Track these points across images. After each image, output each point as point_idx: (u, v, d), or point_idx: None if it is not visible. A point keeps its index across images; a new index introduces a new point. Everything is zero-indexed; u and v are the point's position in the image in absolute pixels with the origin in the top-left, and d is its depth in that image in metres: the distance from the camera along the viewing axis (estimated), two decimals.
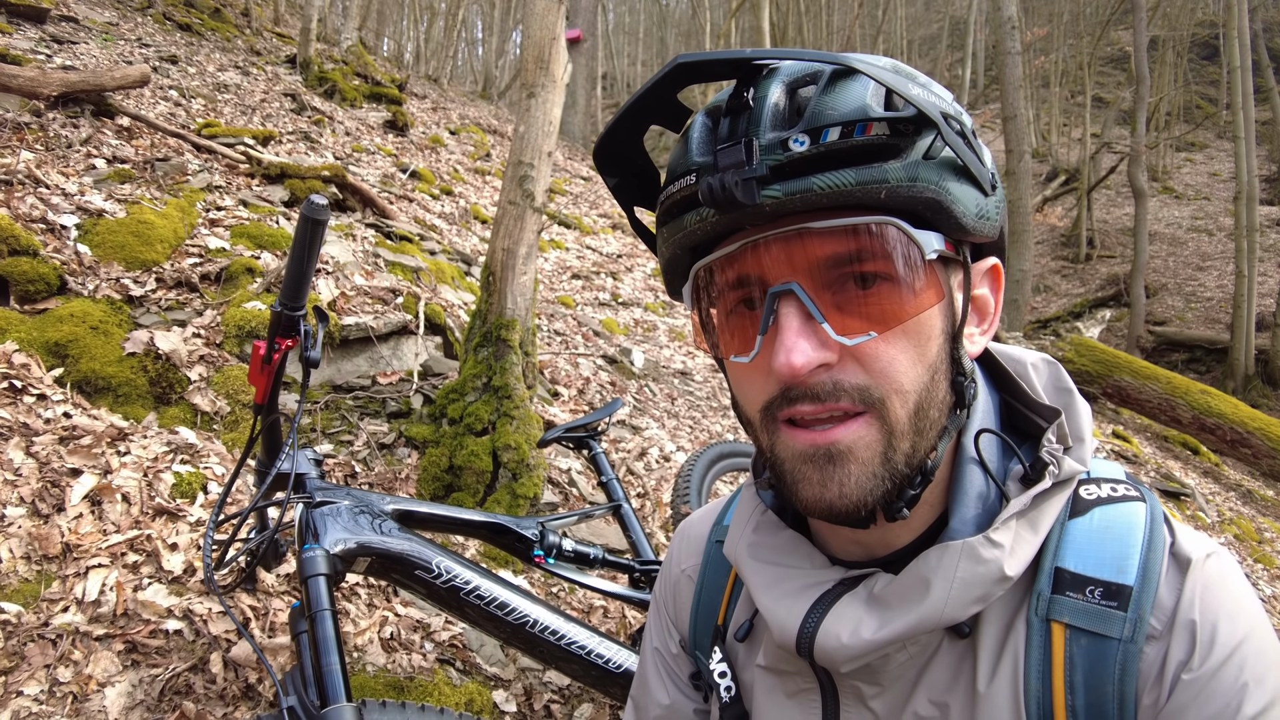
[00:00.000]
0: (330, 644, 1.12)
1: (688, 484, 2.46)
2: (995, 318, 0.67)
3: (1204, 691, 0.54)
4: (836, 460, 0.58)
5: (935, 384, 0.60)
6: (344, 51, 9.53)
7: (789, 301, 0.57)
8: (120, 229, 2.94)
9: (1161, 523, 0.61)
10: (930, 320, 0.59)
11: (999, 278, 0.66)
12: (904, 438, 0.58)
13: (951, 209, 0.56)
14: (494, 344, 2.84)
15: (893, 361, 0.57)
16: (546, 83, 2.90)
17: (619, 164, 0.67)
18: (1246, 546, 5.49)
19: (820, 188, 0.53)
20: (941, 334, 0.60)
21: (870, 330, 0.57)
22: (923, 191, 0.54)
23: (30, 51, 4.91)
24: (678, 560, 0.89)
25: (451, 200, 6.94)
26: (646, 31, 38.59)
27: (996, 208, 0.60)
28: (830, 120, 0.54)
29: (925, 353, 0.59)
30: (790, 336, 0.56)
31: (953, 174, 0.56)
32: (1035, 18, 27.28)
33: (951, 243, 0.59)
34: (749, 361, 0.60)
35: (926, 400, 0.59)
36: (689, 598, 0.85)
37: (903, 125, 0.55)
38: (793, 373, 0.56)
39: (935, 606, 0.58)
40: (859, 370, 0.58)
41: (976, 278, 0.64)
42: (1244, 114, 13.61)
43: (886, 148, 0.55)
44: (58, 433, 1.94)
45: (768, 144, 0.55)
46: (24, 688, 1.41)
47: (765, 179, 0.54)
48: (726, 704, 0.75)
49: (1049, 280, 19.22)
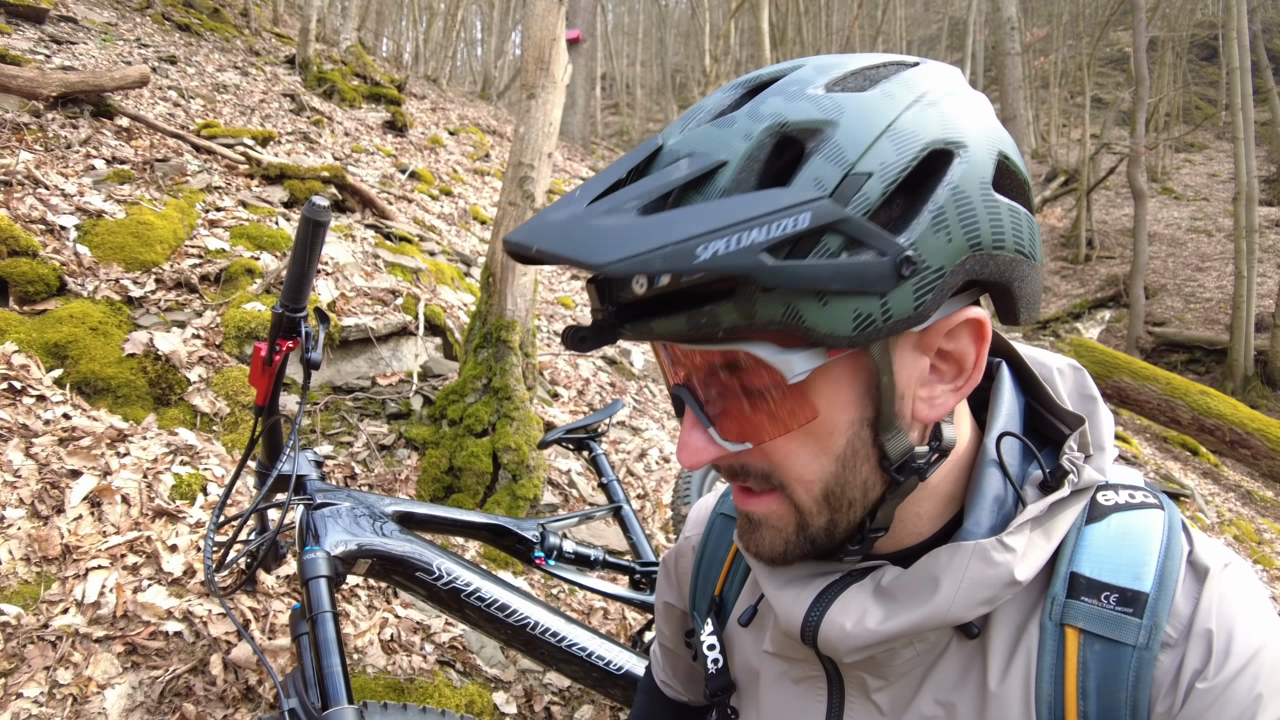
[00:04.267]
0: (331, 646, 1.12)
1: (688, 485, 2.46)
2: (977, 369, 0.58)
3: (1218, 701, 0.54)
4: (754, 523, 0.63)
5: (848, 471, 0.58)
6: (343, 52, 9.53)
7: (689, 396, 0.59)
8: (120, 230, 2.94)
9: (1180, 531, 0.61)
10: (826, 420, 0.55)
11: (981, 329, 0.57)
12: (817, 516, 0.60)
13: (815, 330, 0.49)
14: (494, 345, 2.84)
15: (791, 454, 0.57)
16: (547, 83, 2.90)
17: None
18: (1246, 547, 5.49)
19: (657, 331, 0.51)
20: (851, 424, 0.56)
21: (749, 440, 0.57)
22: (766, 326, 0.49)
23: (29, 52, 4.90)
24: (687, 529, 0.92)
25: (451, 201, 6.93)
26: (646, 32, 38.57)
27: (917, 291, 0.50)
28: None
29: (828, 446, 0.56)
30: (685, 433, 0.59)
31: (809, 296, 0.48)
32: (1035, 18, 27.32)
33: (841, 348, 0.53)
34: None
35: (837, 486, 0.58)
36: (689, 565, 0.88)
37: None
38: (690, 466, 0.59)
39: (942, 604, 0.58)
40: (762, 457, 0.59)
41: (939, 335, 0.56)
42: (1243, 115, 13.62)
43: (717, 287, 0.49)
44: (57, 434, 1.94)
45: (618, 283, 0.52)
46: (24, 689, 1.41)
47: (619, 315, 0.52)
48: (712, 674, 0.77)
49: (1048, 281, 19.23)
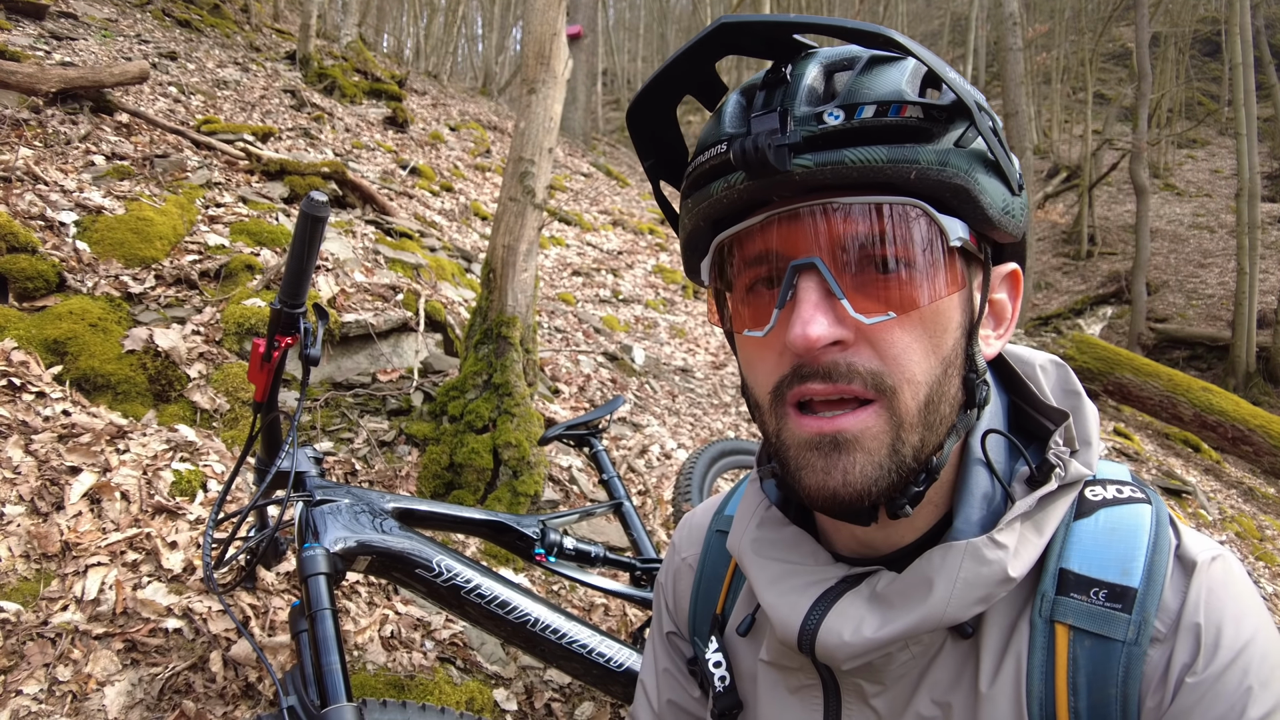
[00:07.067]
0: (330, 643, 1.12)
1: (689, 481, 2.45)
2: (1012, 324, 0.66)
3: (1208, 695, 0.54)
4: (843, 448, 0.57)
5: (948, 378, 0.59)
6: (344, 48, 9.51)
7: (809, 276, 0.57)
8: (119, 226, 2.93)
9: (1167, 525, 0.61)
10: (948, 311, 0.58)
11: (1018, 284, 0.66)
12: (913, 430, 0.58)
13: (979, 199, 0.56)
14: (494, 341, 2.83)
15: (907, 349, 0.57)
16: (547, 79, 2.89)
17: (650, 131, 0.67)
18: (1248, 544, 5.49)
19: (852, 161, 0.53)
20: (958, 328, 0.59)
21: (889, 311, 0.56)
22: (952, 178, 0.55)
23: (29, 48, 4.89)
24: (680, 548, 0.90)
25: (452, 197, 6.92)
26: (647, 27, 38.50)
27: (1022, 208, 0.61)
28: (866, 99, 0.55)
29: (940, 345, 0.58)
30: (808, 309, 0.56)
31: (982, 165, 0.56)
32: (1037, 14, 27.23)
33: (975, 236, 0.59)
34: (763, 336, 0.60)
35: (938, 394, 0.58)
36: (688, 586, 0.86)
37: (936, 112, 0.55)
38: (808, 345, 0.55)
39: (938, 606, 0.57)
40: (873, 355, 0.57)
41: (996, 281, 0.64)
42: (1246, 111, 13.58)
43: (919, 130, 0.55)
44: (57, 430, 1.93)
45: (802, 116, 0.55)
46: (23, 687, 1.41)
47: (798, 147, 0.54)
48: (720, 693, 0.75)
49: (1050, 277, 19.20)
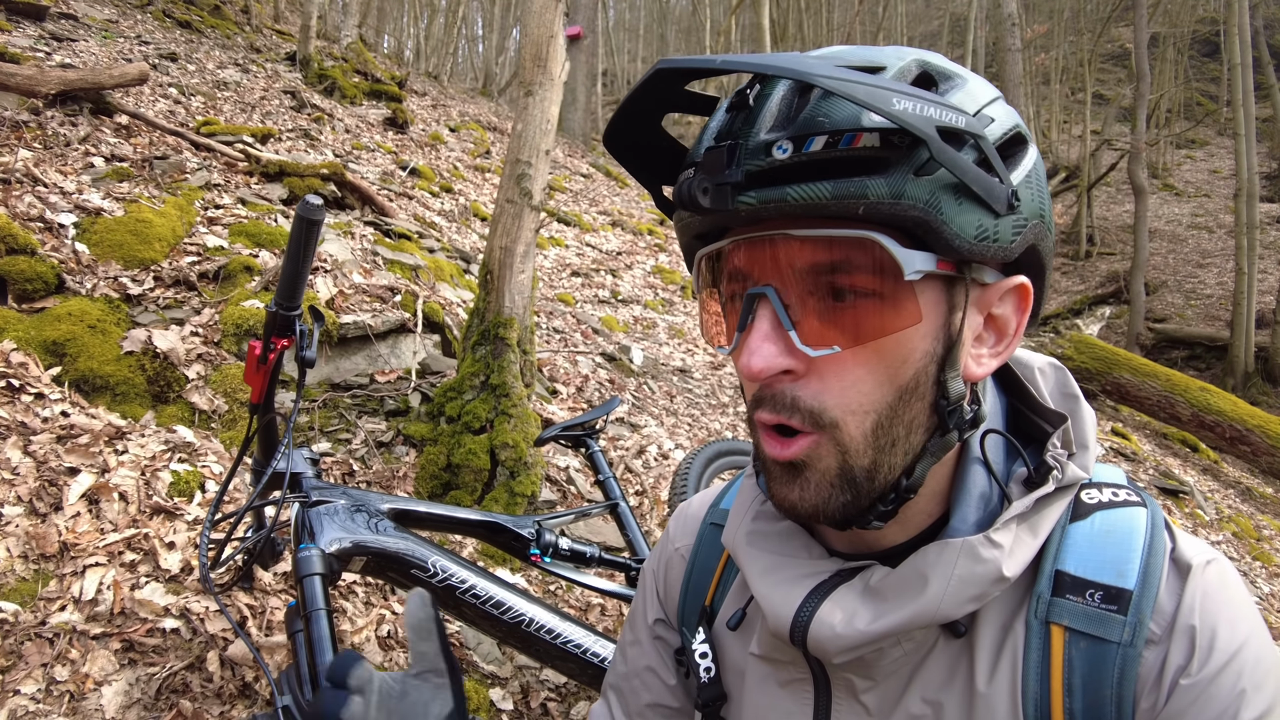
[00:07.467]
0: (325, 643, 1.13)
1: (685, 482, 2.46)
2: (1015, 339, 0.63)
3: (1202, 697, 0.54)
4: (795, 469, 0.60)
5: (903, 405, 0.58)
6: (344, 49, 9.51)
7: (765, 303, 0.57)
8: (118, 227, 2.94)
9: (1162, 528, 0.61)
10: (908, 342, 0.57)
11: (1026, 297, 0.62)
12: (861, 455, 0.58)
13: (941, 230, 0.53)
14: (492, 342, 2.84)
15: (857, 381, 0.57)
16: (544, 81, 2.90)
17: (633, 152, 0.67)
18: (1245, 544, 5.49)
19: (794, 198, 0.52)
20: (924, 356, 0.58)
21: (835, 344, 0.56)
22: (907, 210, 0.52)
23: (29, 49, 4.90)
24: (673, 538, 0.89)
25: (451, 198, 6.93)
26: (647, 28, 38.53)
27: (1014, 228, 0.56)
28: (819, 129, 0.52)
29: (897, 375, 0.57)
30: (756, 339, 0.57)
31: (950, 192, 0.53)
32: (1036, 14, 27.24)
33: (950, 262, 0.56)
34: (728, 354, 0.62)
35: (888, 420, 0.58)
36: (680, 576, 0.86)
37: (897, 138, 0.52)
38: (750, 375, 0.57)
39: (931, 602, 0.58)
40: (819, 389, 0.57)
41: (995, 296, 0.61)
42: (1244, 111, 13.58)
43: (873, 161, 0.52)
44: (55, 431, 1.94)
45: (753, 148, 0.54)
46: (21, 686, 1.42)
47: (741, 185, 0.53)
48: (705, 684, 0.76)
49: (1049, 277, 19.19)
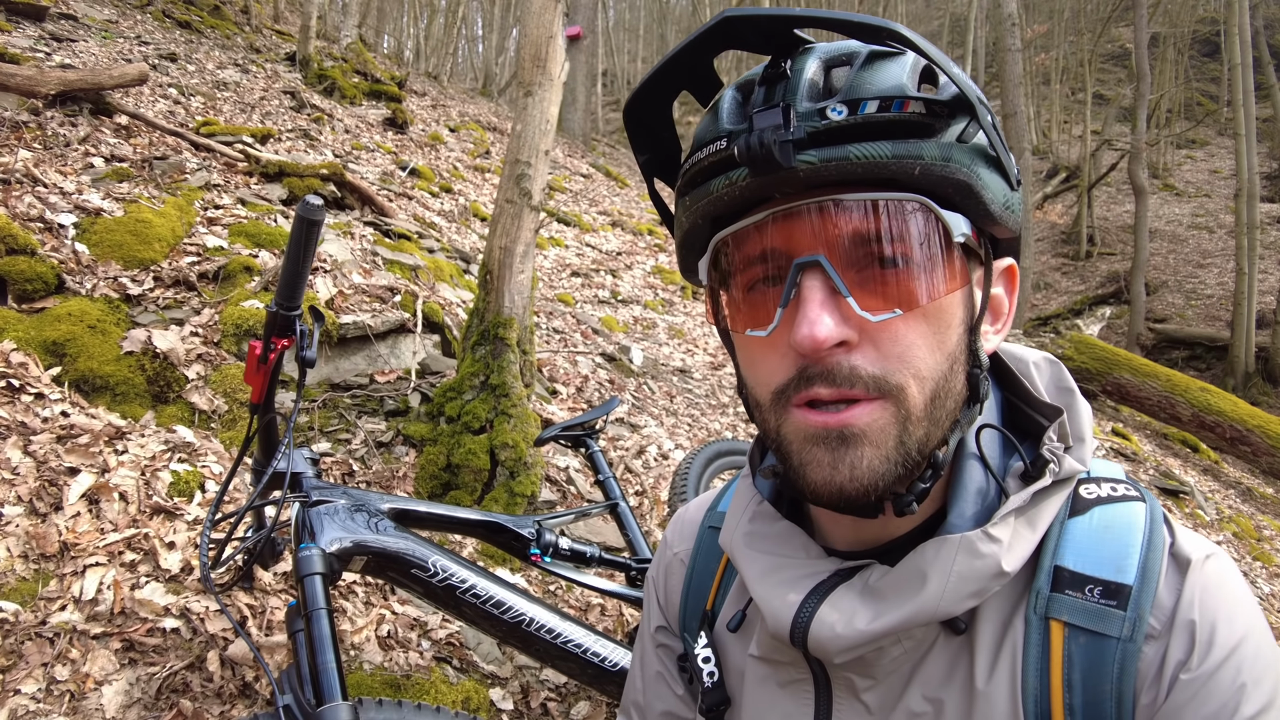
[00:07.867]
0: (326, 642, 1.13)
1: (685, 482, 2.46)
2: (1009, 319, 0.67)
3: (1202, 691, 0.54)
4: (850, 442, 0.57)
5: (953, 373, 0.59)
6: (344, 49, 9.51)
7: (813, 274, 0.56)
8: (118, 228, 2.94)
9: (1161, 523, 0.61)
10: (951, 307, 0.59)
11: (1014, 279, 0.67)
12: (919, 424, 0.57)
13: (981, 194, 0.57)
14: (491, 342, 2.84)
15: (912, 346, 0.57)
16: (544, 81, 2.90)
17: (647, 126, 0.67)
18: (1245, 544, 5.49)
19: (856, 157, 0.54)
20: (961, 324, 0.60)
21: (894, 308, 0.56)
22: (955, 173, 0.55)
23: (29, 50, 4.90)
24: (672, 543, 0.89)
25: (451, 198, 6.93)
26: (647, 28, 38.51)
27: (1019, 204, 0.62)
28: (869, 94, 0.55)
29: (944, 340, 0.58)
30: (813, 309, 0.55)
31: (984, 160, 0.57)
32: (1036, 14, 27.25)
33: (975, 232, 0.59)
34: (766, 335, 0.59)
35: (943, 389, 0.59)
36: (680, 581, 0.85)
37: (939, 107, 0.55)
38: (814, 345, 0.55)
39: (931, 599, 0.57)
40: (877, 356, 0.56)
41: (994, 276, 0.64)
42: (1245, 111, 13.59)
43: (922, 126, 0.55)
44: (55, 431, 1.94)
45: (805, 111, 0.55)
46: (21, 686, 1.42)
47: (802, 143, 0.54)
48: (709, 689, 0.75)
49: (1049, 277, 19.20)
